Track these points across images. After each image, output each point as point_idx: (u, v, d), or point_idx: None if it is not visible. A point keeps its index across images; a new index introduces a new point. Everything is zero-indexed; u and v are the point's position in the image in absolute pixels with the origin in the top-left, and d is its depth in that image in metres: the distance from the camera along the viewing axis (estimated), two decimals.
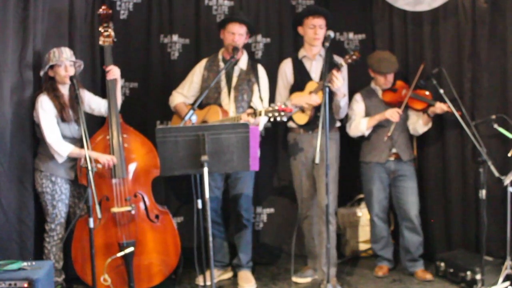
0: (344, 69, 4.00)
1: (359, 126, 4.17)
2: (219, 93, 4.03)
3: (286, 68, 4.14)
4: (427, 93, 4.17)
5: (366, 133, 4.19)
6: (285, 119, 3.57)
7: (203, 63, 4.15)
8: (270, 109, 3.54)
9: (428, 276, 4.12)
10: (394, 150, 4.17)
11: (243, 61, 4.09)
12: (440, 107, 4.05)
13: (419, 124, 4.21)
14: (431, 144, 4.42)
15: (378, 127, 4.17)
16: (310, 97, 3.90)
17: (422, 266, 4.23)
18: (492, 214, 3.88)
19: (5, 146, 3.38)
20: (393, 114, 4.04)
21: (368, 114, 4.23)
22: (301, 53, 4.12)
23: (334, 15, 4.26)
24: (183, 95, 4.14)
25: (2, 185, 3.36)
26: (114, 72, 3.77)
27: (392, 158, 4.18)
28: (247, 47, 4.29)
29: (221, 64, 4.05)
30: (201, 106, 3.98)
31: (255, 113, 3.61)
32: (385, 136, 4.09)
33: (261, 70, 4.14)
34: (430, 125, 4.21)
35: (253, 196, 4.19)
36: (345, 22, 4.81)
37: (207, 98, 4.01)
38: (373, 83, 4.31)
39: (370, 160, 4.22)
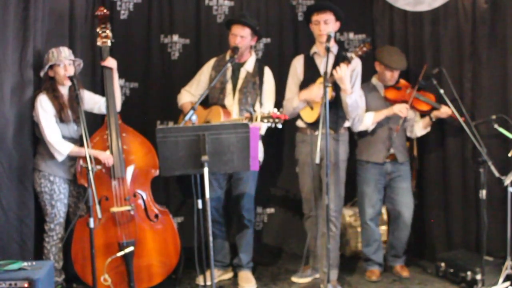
0: (358, 64, 3.90)
1: (365, 120, 4.09)
2: (224, 94, 4.02)
3: (297, 64, 4.07)
4: (432, 96, 4.15)
5: (371, 128, 4.13)
6: (280, 126, 3.53)
7: (211, 62, 4.14)
8: (266, 115, 3.52)
9: (405, 273, 4.19)
10: (391, 151, 4.15)
11: (250, 64, 4.07)
12: (445, 112, 4.03)
13: (418, 127, 4.20)
14: (431, 144, 4.42)
15: (377, 126, 4.13)
16: (319, 88, 3.75)
17: (403, 262, 4.30)
18: (492, 214, 3.89)
19: (5, 146, 3.38)
20: (402, 109, 4.02)
21: (367, 109, 4.15)
22: (313, 49, 4.04)
23: None
24: (190, 93, 4.14)
25: (2, 185, 3.36)
26: (109, 61, 3.77)
27: (388, 160, 4.16)
28: None
29: (228, 65, 4.03)
30: (208, 105, 3.99)
31: (251, 118, 3.59)
32: (395, 129, 4.06)
33: (267, 73, 4.09)
34: (429, 129, 4.20)
35: (254, 196, 4.19)
36: (345, 22, 4.78)
37: (212, 98, 4.01)
38: (375, 78, 4.25)
39: (367, 160, 4.18)
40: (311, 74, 3.96)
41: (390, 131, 4.11)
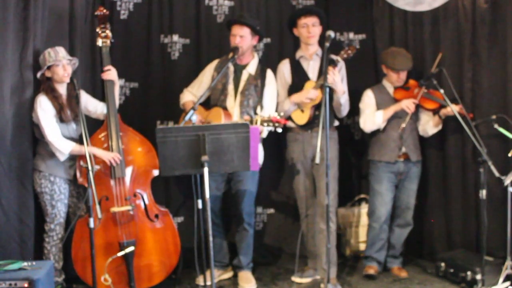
0: (342, 66, 3.99)
1: (375, 119, 4.12)
2: (226, 95, 4.02)
3: (284, 69, 4.13)
4: (440, 94, 4.13)
5: (382, 126, 4.14)
6: (279, 130, 3.55)
7: (214, 64, 4.13)
8: (266, 118, 3.53)
9: (403, 274, 4.20)
10: (403, 150, 4.15)
11: (252, 66, 4.06)
12: (453, 109, 4.03)
13: (429, 125, 4.20)
14: (431, 144, 4.42)
15: (388, 125, 4.14)
16: (308, 91, 3.87)
17: (400, 264, 4.31)
18: (492, 214, 3.89)
19: (5, 146, 3.38)
20: (409, 105, 4.03)
21: (378, 110, 4.18)
22: (298, 53, 4.12)
23: (334, 15, 4.26)
24: (192, 94, 4.14)
25: (2, 185, 3.37)
26: (110, 73, 3.77)
27: (401, 159, 4.17)
28: None
29: (230, 66, 4.01)
30: (209, 107, 3.99)
31: (251, 121, 3.60)
32: (399, 127, 4.06)
33: (270, 76, 4.08)
34: (440, 127, 4.20)
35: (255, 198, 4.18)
36: (345, 22, 4.80)
37: (214, 100, 4.01)
38: (384, 80, 4.28)
39: (379, 159, 4.18)
40: (299, 78, 4.04)
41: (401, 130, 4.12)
